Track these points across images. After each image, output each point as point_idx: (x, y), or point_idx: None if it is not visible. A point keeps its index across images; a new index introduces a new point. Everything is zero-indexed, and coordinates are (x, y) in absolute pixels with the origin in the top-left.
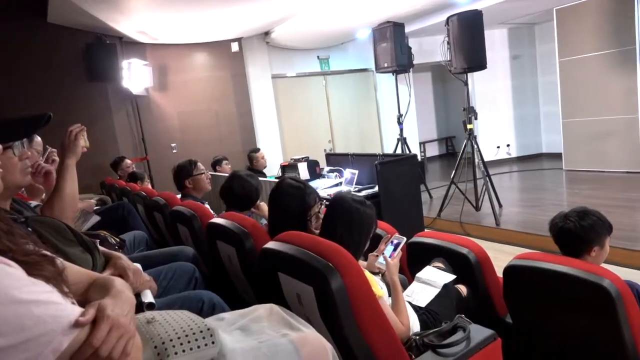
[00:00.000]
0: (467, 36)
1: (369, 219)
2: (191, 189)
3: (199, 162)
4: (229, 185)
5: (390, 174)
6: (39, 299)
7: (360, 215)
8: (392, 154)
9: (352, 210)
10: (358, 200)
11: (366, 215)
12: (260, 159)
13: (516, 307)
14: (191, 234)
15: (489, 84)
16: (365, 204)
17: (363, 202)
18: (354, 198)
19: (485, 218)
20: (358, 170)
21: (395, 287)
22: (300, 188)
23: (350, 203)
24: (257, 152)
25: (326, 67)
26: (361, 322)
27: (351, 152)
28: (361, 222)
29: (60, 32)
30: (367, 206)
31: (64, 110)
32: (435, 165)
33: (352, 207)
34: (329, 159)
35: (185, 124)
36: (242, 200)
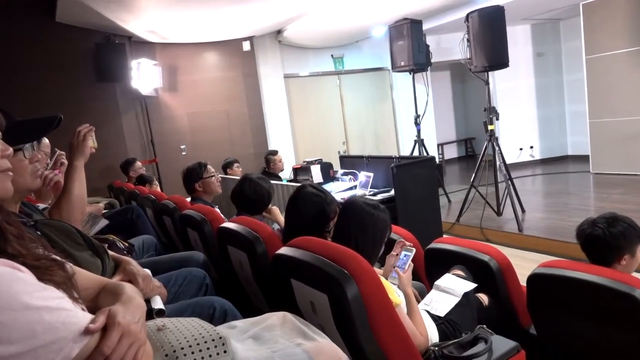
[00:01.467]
0: (488, 33)
1: (383, 223)
2: (201, 192)
3: (209, 165)
4: (240, 188)
5: (407, 177)
6: (50, 305)
7: (373, 219)
8: (409, 156)
9: (365, 215)
10: (371, 204)
11: (380, 220)
12: (278, 161)
13: (541, 317)
14: (201, 239)
15: (511, 83)
16: (378, 208)
17: (376, 206)
18: (366, 202)
19: (507, 223)
20: (373, 173)
21: (409, 299)
22: (320, 197)
23: (362, 207)
24: (275, 155)
25: (340, 66)
26: (377, 332)
27: (366, 154)
28: (375, 227)
29: (68, 32)
30: (380, 210)
31: (72, 111)
32: (454, 168)
33: (364, 211)
34: (343, 162)
35: (195, 126)
36: (253, 204)
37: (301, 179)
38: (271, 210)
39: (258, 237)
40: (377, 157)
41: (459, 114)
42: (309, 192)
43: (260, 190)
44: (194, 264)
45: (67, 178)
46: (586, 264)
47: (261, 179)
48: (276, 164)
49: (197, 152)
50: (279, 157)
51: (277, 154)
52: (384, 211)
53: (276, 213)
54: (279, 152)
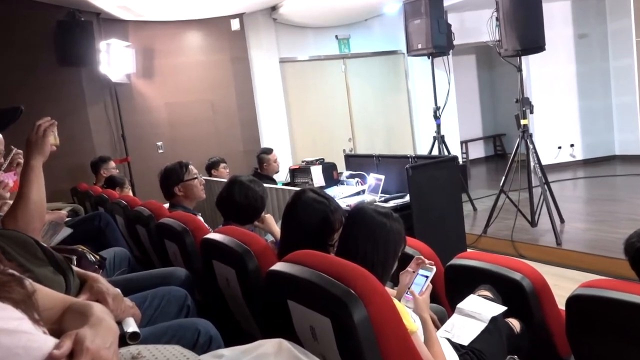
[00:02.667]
0: (521, 11)
1: (396, 235)
2: (181, 198)
3: (191, 165)
4: (227, 193)
5: (425, 181)
6: (8, 328)
7: (385, 230)
8: (427, 156)
9: (375, 225)
10: (382, 212)
11: (393, 231)
12: (273, 161)
13: (582, 346)
14: (181, 253)
15: (547, 70)
16: (391, 217)
17: (388, 214)
18: (377, 209)
19: (543, 236)
20: (384, 176)
21: (426, 325)
22: (323, 203)
23: (372, 216)
24: (269, 154)
25: (346, 49)
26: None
27: (376, 153)
28: (387, 239)
29: (25, 6)
30: (393, 219)
31: (29, 101)
32: (481, 170)
33: (375, 220)
34: (349, 162)
35: (175, 118)
36: (243, 211)
37: (299, 182)
38: (264, 219)
39: (249, 250)
40: (389, 156)
41: (486, 106)
42: (310, 197)
43: (251, 195)
44: (173, 282)
45: (23, 181)
46: (635, 283)
47: (253, 182)
48: (270, 164)
49: (176, 150)
50: (273, 157)
51: (271, 153)
52: (397, 220)
53: (270, 222)
54: (273, 150)
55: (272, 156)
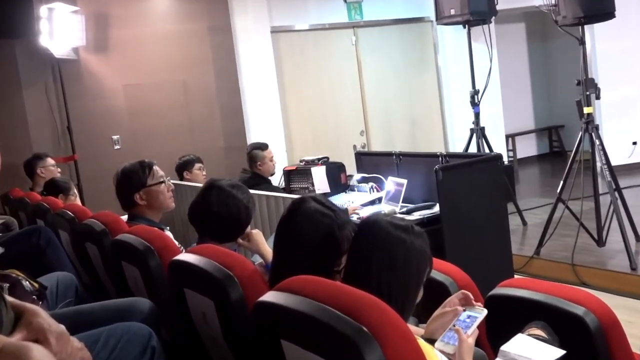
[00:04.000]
0: None
1: (420, 254)
2: (144, 208)
3: (156, 166)
4: (203, 201)
5: (460, 186)
6: None
7: (404, 248)
8: (463, 154)
9: (392, 242)
10: (401, 225)
11: (414, 249)
12: (268, 160)
13: None
14: (144, 279)
15: (618, 43)
16: (412, 232)
17: (408, 228)
18: (393, 222)
19: (613, 258)
20: (407, 180)
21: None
22: (328, 216)
23: (388, 230)
24: (264, 150)
25: (358, 15)
26: None
27: (397, 151)
28: (407, 261)
29: None
30: (415, 235)
31: None
32: (532, 172)
33: (391, 236)
34: (361, 162)
35: (136, 105)
36: (223, 225)
37: (297, 187)
38: (251, 235)
39: (231, 275)
40: (413, 154)
41: (539, 89)
42: (311, 208)
43: (233, 204)
44: (134, 317)
45: None
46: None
47: (236, 188)
48: (265, 163)
49: (137, 146)
50: (269, 154)
51: (267, 149)
52: (420, 236)
53: (258, 240)
54: (269, 146)
55: (267, 153)
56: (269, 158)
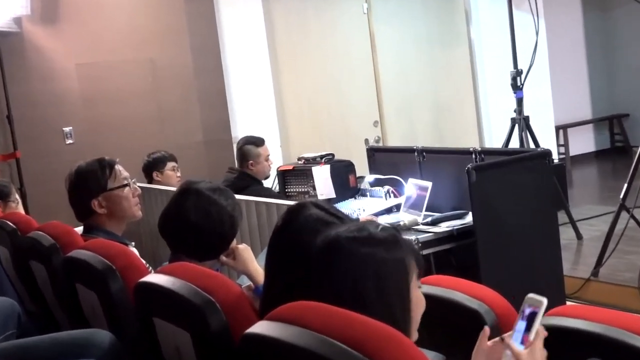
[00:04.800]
0: None
1: (397, 266)
2: (103, 217)
3: (119, 165)
4: (177, 209)
5: (497, 190)
6: None
7: (376, 263)
8: (501, 150)
9: (362, 260)
10: (364, 237)
11: (391, 262)
12: (263, 160)
13: None
14: (104, 306)
15: None
16: (384, 242)
17: (379, 239)
18: (356, 237)
19: None
20: (432, 182)
21: None
22: (334, 226)
23: (352, 248)
24: (259, 146)
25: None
26: None
27: (419, 146)
28: (383, 279)
29: None
30: (387, 244)
31: None
32: (589, 173)
33: (358, 255)
34: (374, 160)
35: (93, 90)
36: (203, 238)
37: (294, 191)
38: (237, 251)
39: (212, 302)
40: (439, 150)
41: (597, 70)
42: (312, 217)
43: (216, 212)
44: (91, 353)
45: None
46: None
47: (218, 192)
48: (260, 163)
49: (95, 141)
50: (265, 152)
51: (262, 145)
52: (394, 243)
53: (246, 257)
54: (265, 142)
55: (262, 150)
56: (264, 157)
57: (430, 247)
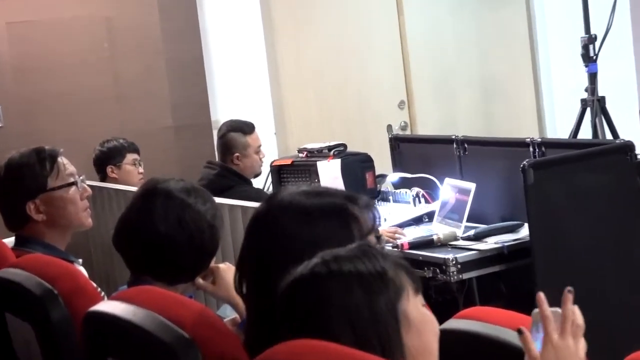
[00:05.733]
0: None
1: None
2: (42, 226)
3: (63, 157)
4: (141, 216)
5: (563, 194)
6: None
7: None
8: (568, 141)
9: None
10: (337, 271)
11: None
12: (253, 152)
13: None
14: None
15: None
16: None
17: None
18: (330, 267)
19: None
20: (476, 183)
21: None
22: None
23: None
24: (247, 134)
25: None
26: None
27: (459, 135)
28: (373, 315)
29: None
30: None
31: None
32: None
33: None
34: (400, 152)
35: (27, 56)
36: (174, 255)
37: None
38: (218, 273)
39: (187, 339)
40: (486, 141)
41: None
42: (294, 197)
43: (191, 220)
44: None
45: None
46: None
47: (193, 194)
48: (248, 156)
49: (30, 124)
50: (256, 141)
51: (252, 133)
52: (371, 257)
53: (230, 281)
54: (255, 128)
55: (252, 140)
56: (254, 148)
57: (471, 269)
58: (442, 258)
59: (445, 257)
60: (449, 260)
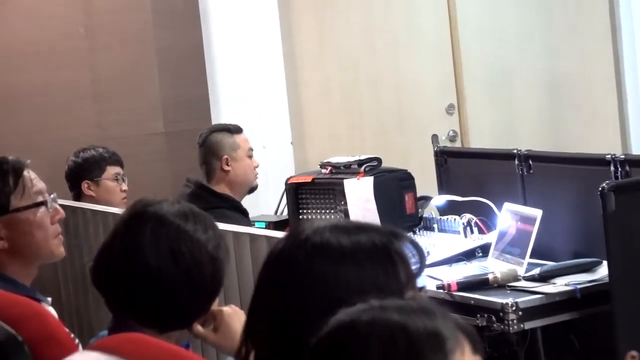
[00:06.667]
0: None
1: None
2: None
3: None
4: (126, 246)
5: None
6: None
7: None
8: None
9: None
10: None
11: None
12: (245, 155)
13: None
14: None
15: None
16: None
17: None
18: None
19: None
20: (542, 210)
21: None
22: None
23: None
24: (235, 133)
25: None
26: None
27: (521, 149)
28: None
29: None
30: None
31: None
32: None
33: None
34: (447, 169)
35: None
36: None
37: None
38: (222, 317)
39: None
40: (555, 156)
41: None
42: (325, 237)
43: (189, 251)
44: None
45: None
46: None
47: (192, 219)
48: (239, 159)
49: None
50: (246, 143)
51: (241, 133)
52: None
53: (234, 328)
54: (242, 131)
55: (241, 140)
56: (245, 150)
57: (536, 317)
58: (500, 303)
59: (503, 301)
60: (508, 305)
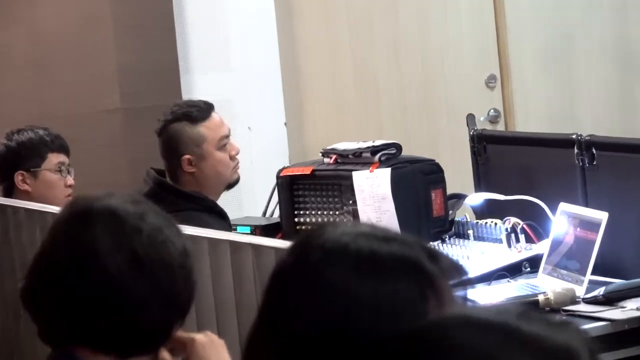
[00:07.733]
0: None
1: None
2: None
3: None
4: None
5: None
6: None
7: None
8: None
9: None
10: None
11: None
12: (215, 148)
13: None
14: None
15: None
16: None
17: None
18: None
19: None
20: (608, 213)
21: None
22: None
23: None
24: (198, 121)
25: None
26: None
27: (582, 134)
28: None
29: None
30: None
31: None
32: None
33: None
34: (486, 158)
35: None
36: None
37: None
38: (194, 347)
39: None
40: (625, 145)
41: None
42: (350, 257)
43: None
44: None
45: None
46: None
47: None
48: (208, 157)
49: None
50: (216, 130)
51: (208, 117)
52: None
53: (209, 357)
54: (213, 111)
55: (207, 129)
56: (215, 142)
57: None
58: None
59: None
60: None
